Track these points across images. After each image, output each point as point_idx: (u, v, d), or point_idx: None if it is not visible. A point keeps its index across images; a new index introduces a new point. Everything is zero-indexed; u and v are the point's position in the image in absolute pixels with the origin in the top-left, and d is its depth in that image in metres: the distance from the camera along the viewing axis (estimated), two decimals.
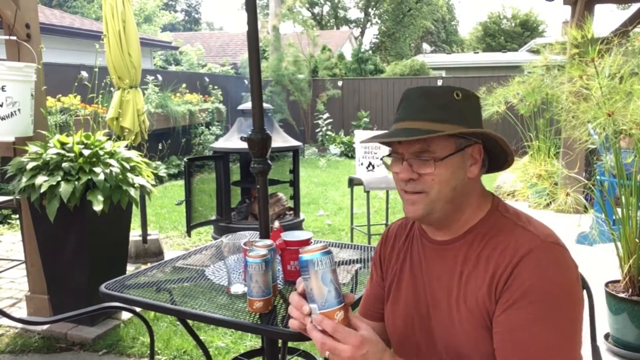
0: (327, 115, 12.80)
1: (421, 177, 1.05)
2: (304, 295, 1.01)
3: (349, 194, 5.16)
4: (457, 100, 1.07)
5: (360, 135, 5.03)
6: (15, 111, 2.99)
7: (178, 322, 3.12)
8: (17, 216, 4.86)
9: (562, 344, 0.95)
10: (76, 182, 2.87)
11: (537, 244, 0.99)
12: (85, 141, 3.14)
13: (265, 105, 3.74)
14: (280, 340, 1.94)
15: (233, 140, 4.38)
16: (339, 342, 0.93)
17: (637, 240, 2.69)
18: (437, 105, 1.06)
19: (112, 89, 4.26)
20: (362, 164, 4.86)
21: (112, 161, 3.08)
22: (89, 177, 2.91)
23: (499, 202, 1.12)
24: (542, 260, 0.97)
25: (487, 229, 1.07)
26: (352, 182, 4.98)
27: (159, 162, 8.23)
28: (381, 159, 1.15)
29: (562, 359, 0.95)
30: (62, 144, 3.07)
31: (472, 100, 1.10)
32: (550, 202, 2.70)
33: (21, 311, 3.48)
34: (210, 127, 10.05)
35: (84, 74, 4.15)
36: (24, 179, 2.88)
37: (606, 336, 2.88)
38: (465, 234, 1.09)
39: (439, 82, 12.90)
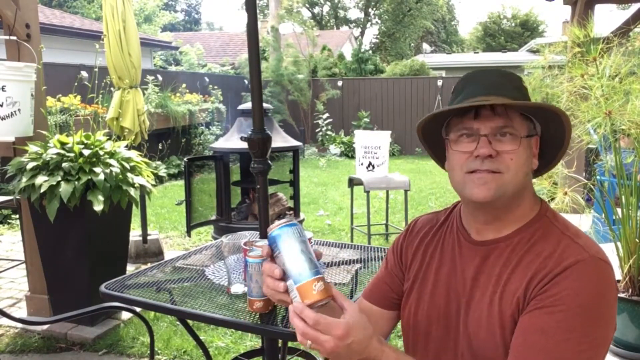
0: (327, 115, 12.80)
1: (499, 155, 0.99)
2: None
3: (349, 194, 5.16)
4: (526, 88, 1.07)
5: (360, 135, 5.03)
6: (15, 111, 2.99)
7: (178, 322, 3.12)
8: (17, 216, 4.86)
9: (587, 356, 0.90)
10: (76, 182, 2.87)
11: (585, 257, 0.94)
12: (85, 141, 3.14)
13: (265, 105, 3.74)
14: (280, 340, 1.94)
15: (233, 140, 4.37)
16: (321, 333, 0.88)
17: (637, 240, 2.69)
18: (513, 85, 1.04)
19: (112, 89, 4.26)
20: (362, 164, 4.86)
21: (112, 161, 3.08)
22: (89, 177, 2.91)
23: (547, 206, 1.07)
24: (586, 274, 0.93)
25: (532, 233, 1.02)
26: (352, 182, 4.98)
27: (159, 162, 8.22)
28: (446, 137, 1.07)
29: None
30: (62, 144, 3.07)
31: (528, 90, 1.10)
32: (550, 201, 2.70)
33: (21, 311, 3.48)
34: (210, 127, 10.05)
35: (84, 74, 4.15)
36: (24, 179, 2.88)
37: None
38: (511, 235, 1.04)
39: (439, 82, 12.90)
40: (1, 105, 2.93)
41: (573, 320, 0.90)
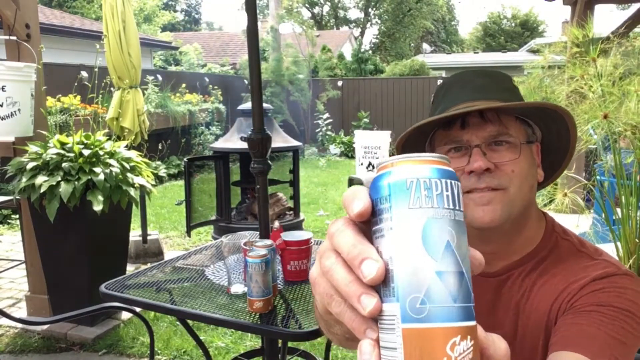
0: (327, 115, 12.81)
1: (498, 167, 0.83)
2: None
3: None
4: (517, 88, 0.93)
5: (360, 135, 5.02)
6: (15, 111, 2.99)
7: (178, 322, 3.12)
8: (17, 216, 4.86)
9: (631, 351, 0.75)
10: (76, 182, 2.87)
11: (613, 270, 0.81)
12: (85, 141, 3.14)
13: (265, 105, 3.74)
14: (280, 340, 1.94)
15: (233, 140, 4.38)
16: None
17: (637, 240, 2.69)
18: (503, 86, 0.91)
19: (112, 89, 4.26)
20: (362, 164, 4.85)
21: (112, 161, 3.08)
22: (89, 177, 2.91)
23: (552, 220, 0.93)
24: (619, 282, 0.79)
25: (546, 254, 0.88)
26: (352, 182, 4.98)
27: (158, 162, 8.21)
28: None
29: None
30: (62, 144, 3.07)
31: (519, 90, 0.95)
32: (549, 202, 2.70)
33: (21, 311, 3.48)
34: (210, 127, 10.05)
35: (84, 74, 4.15)
36: (24, 179, 2.88)
37: None
38: (524, 260, 0.89)
39: (439, 82, 12.90)
40: (1, 105, 2.93)
41: (618, 320, 0.75)
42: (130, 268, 3.81)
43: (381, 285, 0.37)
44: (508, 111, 0.86)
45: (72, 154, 3.00)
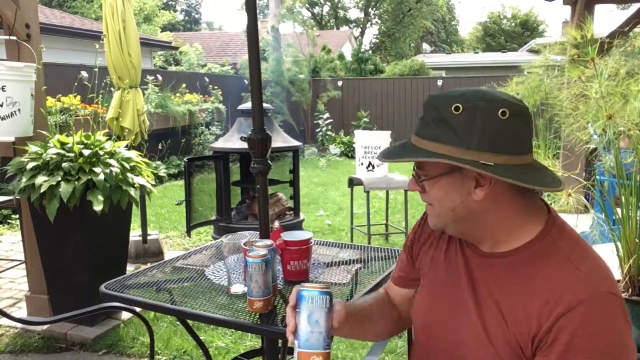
0: (327, 115, 12.81)
1: (425, 191, 1.04)
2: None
3: (349, 194, 5.16)
4: (456, 115, 0.93)
5: (360, 135, 5.03)
6: (15, 111, 2.99)
7: (178, 322, 3.12)
8: (17, 216, 4.86)
9: None
10: (76, 182, 2.87)
11: (588, 295, 0.89)
12: (85, 141, 3.14)
13: (265, 105, 3.74)
14: (280, 340, 1.94)
15: (233, 140, 4.37)
16: None
17: (637, 240, 2.69)
18: (432, 118, 0.98)
19: (112, 89, 4.26)
20: (362, 164, 4.86)
21: (112, 161, 3.08)
22: (89, 177, 2.91)
23: (554, 223, 1.01)
24: (591, 317, 0.88)
25: (532, 253, 0.98)
26: (352, 182, 4.98)
27: (159, 162, 8.23)
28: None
29: None
30: (62, 144, 3.07)
31: (480, 116, 0.93)
32: (551, 203, 2.70)
33: (21, 311, 3.48)
34: (210, 127, 10.05)
35: (84, 74, 4.15)
36: (24, 179, 2.88)
37: None
38: (510, 253, 1.00)
39: (439, 82, 12.90)
40: (1, 105, 2.93)
41: None
42: (130, 268, 3.81)
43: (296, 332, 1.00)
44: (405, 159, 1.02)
45: (72, 154, 3.00)
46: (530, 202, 1.02)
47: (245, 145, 1.83)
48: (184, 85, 9.57)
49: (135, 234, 4.43)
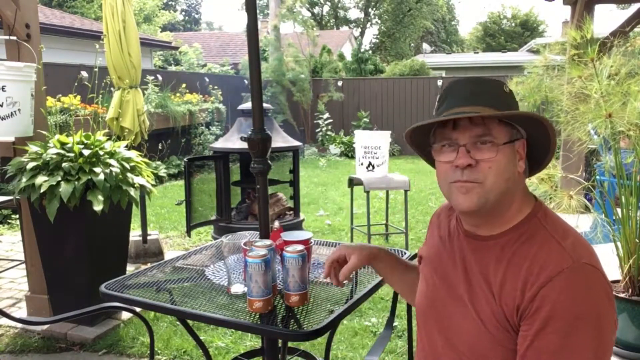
0: (327, 115, 12.80)
1: (478, 164, 1.02)
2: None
3: (349, 194, 5.16)
4: (507, 94, 1.08)
5: (360, 135, 5.03)
6: (15, 111, 2.99)
7: (178, 322, 3.12)
8: (17, 216, 4.86)
9: None
10: (76, 182, 2.87)
11: (568, 264, 0.96)
12: (85, 141, 3.14)
13: (265, 105, 3.74)
14: (280, 340, 1.94)
15: (233, 140, 4.38)
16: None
17: (637, 240, 2.69)
18: (490, 93, 1.06)
19: (112, 89, 4.26)
20: (362, 164, 4.86)
21: (112, 161, 3.08)
22: (89, 177, 2.91)
23: (540, 207, 1.09)
24: (571, 284, 0.94)
25: (520, 234, 1.05)
26: (352, 182, 4.98)
27: (159, 162, 8.23)
28: (430, 147, 1.12)
29: None
30: (62, 144, 3.07)
31: (514, 96, 1.10)
32: (549, 204, 2.70)
33: (21, 311, 3.48)
34: (210, 127, 10.05)
35: (84, 74, 4.15)
36: (24, 179, 2.88)
37: None
38: (501, 235, 1.07)
39: (439, 82, 12.90)
40: (1, 105, 2.93)
41: (575, 334, 0.92)
42: (130, 268, 3.81)
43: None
44: (489, 116, 1.03)
45: (72, 154, 3.00)
46: (526, 185, 1.11)
47: (245, 145, 1.83)
48: (184, 85, 9.57)
49: (135, 234, 4.43)
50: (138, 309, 2.14)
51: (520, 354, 0.97)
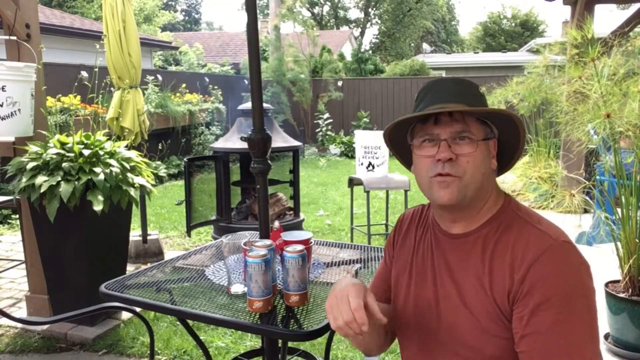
0: (327, 115, 12.81)
1: (458, 158, 1.07)
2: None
3: (349, 194, 5.16)
4: (482, 95, 1.15)
5: (360, 135, 5.03)
6: (15, 111, 2.99)
7: (178, 322, 3.12)
8: (17, 216, 4.86)
9: (588, 336, 0.98)
10: (76, 182, 2.87)
11: (550, 243, 1.01)
12: (85, 141, 3.14)
13: (265, 105, 3.74)
14: (280, 340, 1.94)
15: (233, 140, 4.38)
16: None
17: (637, 240, 2.69)
18: (471, 93, 1.12)
19: (112, 89, 4.26)
20: (362, 164, 4.86)
21: (112, 161, 3.08)
22: (89, 177, 2.91)
23: (511, 200, 1.16)
24: (556, 261, 1.00)
25: (498, 224, 1.10)
26: (352, 182, 4.98)
27: (159, 162, 8.22)
28: (410, 142, 1.16)
29: (590, 351, 0.97)
30: (62, 144, 3.07)
31: (486, 98, 1.19)
32: (550, 202, 2.70)
33: (21, 311, 3.48)
34: (210, 127, 10.05)
35: (84, 74, 4.16)
36: (24, 179, 2.88)
37: (606, 336, 2.89)
38: (480, 228, 1.11)
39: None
40: (1, 105, 2.93)
41: (567, 308, 0.97)
42: (130, 268, 3.81)
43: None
44: (471, 113, 1.09)
45: (72, 154, 3.00)
46: (497, 182, 1.17)
47: (245, 145, 1.83)
48: (184, 85, 9.57)
49: (135, 234, 4.43)
50: (138, 309, 2.14)
51: (519, 335, 1.00)
